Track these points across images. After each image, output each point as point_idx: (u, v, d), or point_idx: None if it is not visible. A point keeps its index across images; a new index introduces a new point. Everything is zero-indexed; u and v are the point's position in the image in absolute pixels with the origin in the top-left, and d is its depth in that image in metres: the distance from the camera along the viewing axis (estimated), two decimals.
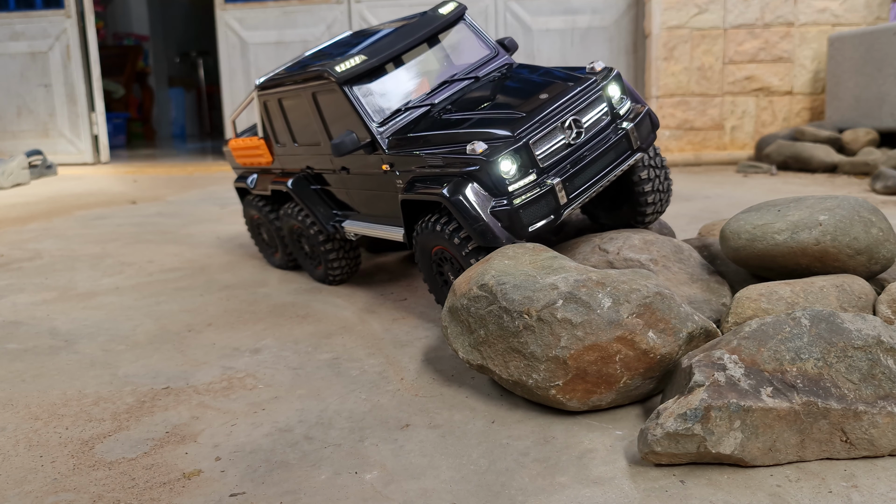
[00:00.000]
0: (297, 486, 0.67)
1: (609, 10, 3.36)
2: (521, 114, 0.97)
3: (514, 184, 0.93)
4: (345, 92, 1.09)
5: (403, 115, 1.10)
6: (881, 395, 0.66)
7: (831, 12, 3.10)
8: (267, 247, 1.53)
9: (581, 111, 0.98)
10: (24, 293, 1.38)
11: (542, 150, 0.95)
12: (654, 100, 3.21)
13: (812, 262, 0.90)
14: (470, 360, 0.83)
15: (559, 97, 0.99)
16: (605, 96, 1.01)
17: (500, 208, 0.92)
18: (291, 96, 1.23)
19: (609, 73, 1.03)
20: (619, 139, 1.00)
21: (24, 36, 3.76)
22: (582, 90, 1.00)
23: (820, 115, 3.17)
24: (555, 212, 0.95)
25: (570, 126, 0.97)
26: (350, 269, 1.33)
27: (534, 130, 0.95)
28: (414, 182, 1.02)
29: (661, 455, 0.66)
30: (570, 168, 0.96)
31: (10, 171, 3.11)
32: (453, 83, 1.14)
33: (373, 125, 1.08)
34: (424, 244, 1.03)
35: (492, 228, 0.92)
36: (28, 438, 0.79)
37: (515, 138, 0.94)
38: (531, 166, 0.94)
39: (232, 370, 0.96)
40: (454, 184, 0.94)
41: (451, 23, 1.18)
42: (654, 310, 0.77)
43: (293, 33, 3.54)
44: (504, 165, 0.92)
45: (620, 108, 1.03)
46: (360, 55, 1.10)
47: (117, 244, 1.82)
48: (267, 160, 1.40)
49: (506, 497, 0.64)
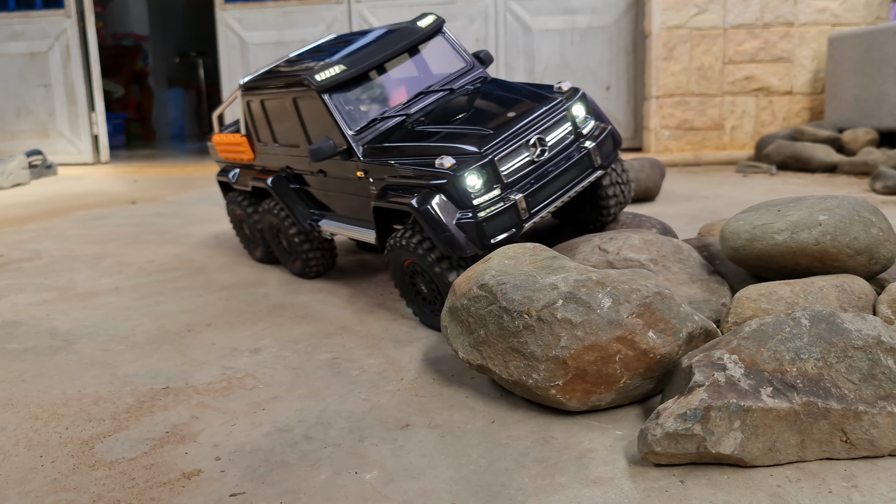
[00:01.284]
0: (296, 486, 0.67)
1: (609, 10, 3.36)
2: (489, 131, 1.02)
3: (479, 198, 0.98)
4: (323, 100, 1.13)
5: (379, 124, 1.14)
6: (881, 396, 0.66)
7: (831, 12, 3.10)
8: (249, 241, 1.57)
9: (546, 130, 1.04)
10: (24, 293, 1.38)
11: (506, 166, 1.01)
12: (654, 100, 3.21)
13: (812, 262, 0.90)
14: (470, 360, 0.83)
15: (526, 116, 1.04)
16: (570, 116, 1.07)
17: (465, 220, 0.97)
18: (274, 99, 1.27)
19: (574, 93, 1.09)
20: (581, 157, 1.06)
21: (23, 36, 3.76)
22: (547, 110, 1.06)
23: (820, 115, 3.17)
24: (517, 225, 1.00)
25: (535, 144, 1.03)
26: (326, 264, 1.37)
27: (500, 148, 1.00)
28: (386, 190, 1.07)
29: (660, 455, 0.66)
30: (533, 184, 1.02)
31: (9, 171, 3.11)
32: (429, 94, 1.18)
33: (349, 133, 1.13)
34: (396, 259, 1.08)
35: (457, 239, 0.97)
36: (28, 438, 0.78)
37: (482, 154, 0.99)
38: (496, 182, 1.00)
39: (231, 370, 0.96)
40: (423, 195, 0.99)
41: (429, 35, 1.23)
42: (654, 310, 0.77)
43: (293, 33, 3.54)
44: (470, 180, 0.98)
45: (584, 128, 1.08)
46: (339, 65, 1.14)
47: (117, 244, 1.82)
48: (249, 157, 1.45)
49: (505, 497, 0.64)
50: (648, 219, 1.27)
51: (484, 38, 3.45)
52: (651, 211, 1.95)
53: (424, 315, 1.09)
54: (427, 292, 1.06)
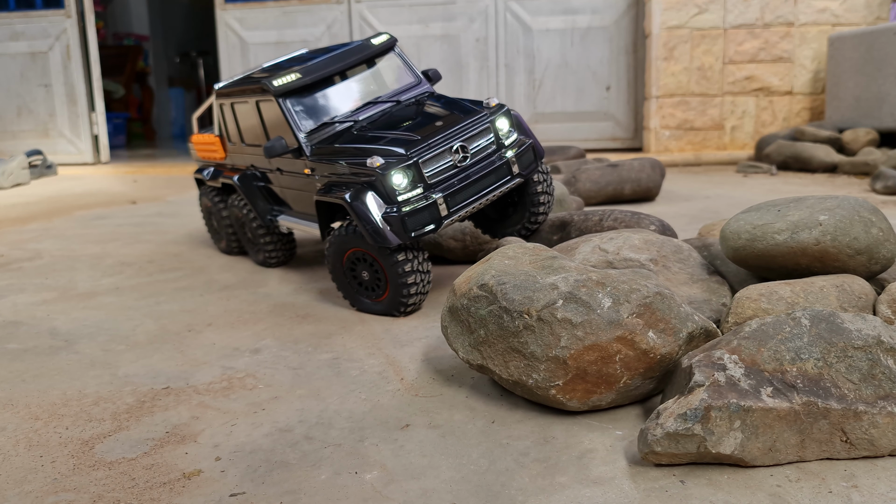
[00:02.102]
0: (297, 486, 0.67)
1: (609, 10, 3.36)
2: (417, 137, 1.13)
3: (404, 195, 1.09)
4: (279, 103, 1.25)
5: (329, 128, 1.25)
6: (881, 395, 0.66)
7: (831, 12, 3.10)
8: (216, 234, 1.68)
9: (469, 139, 1.15)
10: (25, 293, 1.38)
11: (430, 168, 1.11)
12: (654, 100, 3.21)
13: (812, 262, 0.90)
14: (470, 360, 0.83)
15: (452, 126, 1.15)
16: (494, 128, 1.18)
17: (391, 214, 1.08)
18: (241, 103, 1.40)
19: (500, 108, 1.20)
20: (501, 165, 1.17)
21: (24, 36, 3.76)
22: (473, 121, 1.17)
23: (820, 115, 3.17)
24: (436, 222, 1.10)
25: (458, 150, 1.13)
26: (285, 255, 1.51)
27: (424, 151, 1.11)
28: (329, 186, 1.18)
29: (661, 455, 0.66)
30: (454, 186, 1.12)
31: (10, 171, 3.11)
32: (377, 104, 1.30)
33: (300, 134, 1.24)
34: (339, 247, 1.17)
35: (382, 230, 1.07)
36: (28, 438, 0.79)
37: (408, 156, 1.10)
38: (419, 181, 1.10)
39: (232, 370, 0.96)
40: (355, 190, 1.11)
41: (381, 52, 1.35)
42: (654, 310, 0.77)
43: (293, 33, 3.54)
44: (396, 178, 1.08)
45: (506, 140, 1.19)
46: (295, 73, 1.26)
47: (117, 244, 1.82)
48: (221, 156, 1.58)
49: (506, 497, 0.64)
50: (647, 216, 1.28)
51: (484, 38, 3.45)
52: (651, 211, 1.95)
53: (360, 301, 1.18)
54: (368, 278, 1.15)
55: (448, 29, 3.46)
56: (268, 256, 1.49)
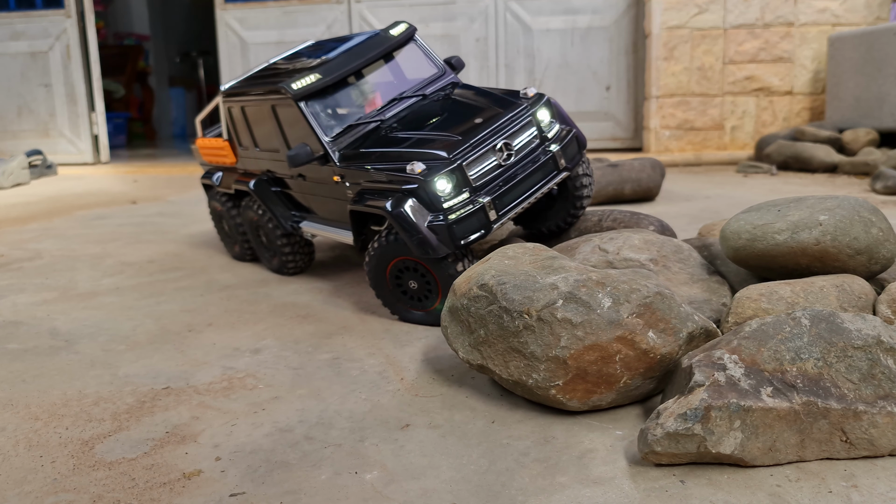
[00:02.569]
0: (297, 486, 0.67)
1: (609, 10, 3.36)
2: (458, 137, 1.06)
3: (449, 201, 1.02)
4: (300, 108, 1.17)
5: (355, 130, 1.18)
6: (881, 395, 0.66)
7: (831, 12, 3.10)
8: (228, 239, 1.61)
9: (512, 135, 1.09)
10: (25, 293, 1.38)
11: (475, 170, 1.05)
12: (655, 100, 3.21)
13: (812, 262, 0.90)
14: (470, 360, 0.83)
15: (493, 122, 1.08)
16: (535, 121, 1.11)
17: (436, 223, 1.01)
18: (253, 105, 1.31)
19: (539, 98, 1.13)
20: (547, 160, 1.10)
21: (24, 36, 3.76)
22: (513, 115, 1.10)
23: (820, 115, 3.17)
24: (485, 227, 1.04)
25: (502, 149, 1.07)
26: (304, 262, 1.42)
27: (468, 153, 1.05)
28: (362, 194, 1.11)
29: (661, 455, 0.66)
30: (501, 187, 1.06)
31: (10, 170, 3.11)
32: (402, 100, 1.22)
33: (325, 139, 1.16)
34: (382, 257, 1.09)
35: (429, 240, 1.01)
36: (28, 438, 0.79)
37: (451, 160, 1.03)
38: (464, 185, 1.04)
39: (232, 370, 0.96)
40: (396, 199, 1.03)
41: (401, 43, 1.27)
42: (655, 310, 0.77)
43: (293, 33, 3.54)
44: (440, 185, 1.02)
45: (549, 132, 1.13)
46: (314, 73, 1.18)
47: (118, 244, 1.82)
48: (231, 161, 1.49)
49: (506, 497, 0.64)
50: (646, 217, 1.28)
51: (484, 38, 3.45)
52: (651, 211, 1.95)
53: (406, 311, 1.12)
54: (416, 287, 1.09)
55: (448, 29, 3.46)
56: (285, 263, 1.40)
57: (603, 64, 3.41)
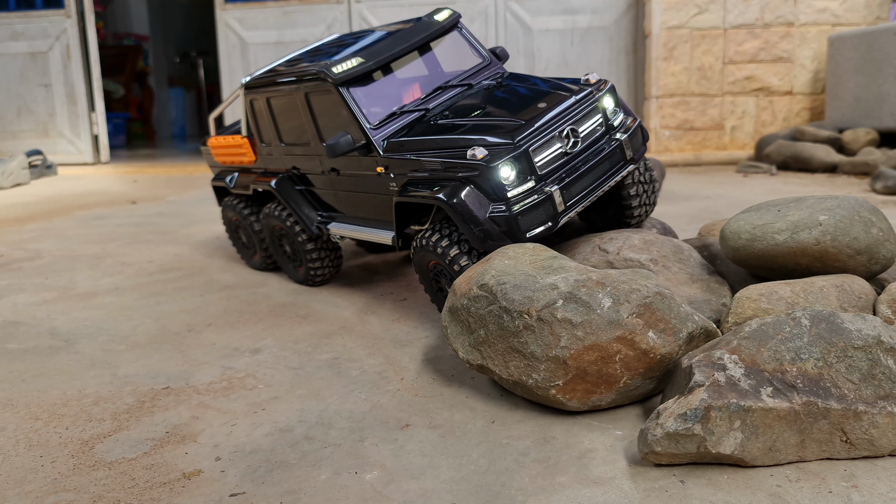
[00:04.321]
0: (297, 486, 0.67)
1: (609, 10, 3.36)
2: (521, 121, 0.98)
3: (513, 190, 0.94)
4: (341, 93, 1.09)
5: (398, 118, 1.10)
6: (881, 395, 0.66)
7: (831, 12, 3.10)
8: (245, 249, 1.52)
9: (578, 121, 1.00)
10: (25, 293, 1.38)
11: (540, 157, 0.96)
12: (654, 100, 3.21)
13: (812, 262, 0.90)
14: (470, 360, 0.83)
15: (556, 106, 1.00)
16: (601, 108, 1.03)
17: (499, 214, 0.94)
18: (281, 96, 1.23)
19: (604, 85, 1.05)
20: (613, 150, 1.02)
21: (24, 36, 3.76)
22: (579, 100, 1.02)
23: (820, 115, 3.17)
24: (552, 219, 0.96)
25: (568, 135, 0.98)
26: (332, 269, 1.33)
27: (533, 138, 0.96)
28: (408, 185, 1.04)
29: (661, 455, 0.66)
30: (568, 176, 0.98)
31: (10, 171, 3.11)
32: (447, 89, 1.15)
33: (368, 127, 1.08)
34: (421, 260, 1.04)
35: (491, 233, 0.94)
36: (28, 438, 0.79)
37: (515, 145, 0.95)
38: (530, 173, 0.96)
39: (232, 370, 0.96)
40: (452, 188, 0.96)
41: (445, 30, 1.20)
42: (654, 310, 0.77)
43: (293, 33, 3.54)
44: (504, 171, 0.93)
45: (614, 120, 1.05)
46: (357, 57, 1.10)
47: (117, 244, 1.82)
48: (249, 159, 1.40)
49: (506, 497, 0.64)
50: (649, 219, 1.27)
51: (484, 38, 3.45)
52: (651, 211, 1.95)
53: None
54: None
55: None
56: (312, 272, 1.31)
57: (603, 64, 3.41)
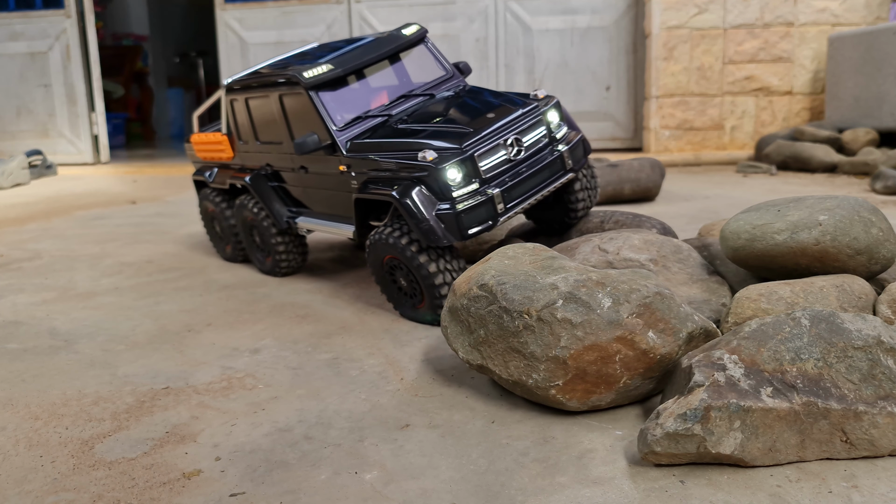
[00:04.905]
0: (296, 486, 0.67)
1: (609, 10, 3.36)
2: (470, 129, 1.08)
3: (458, 190, 1.04)
4: (311, 96, 1.19)
5: (363, 122, 1.20)
6: (881, 396, 0.66)
7: (831, 12, 3.10)
8: (219, 240, 1.60)
9: (522, 132, 1.11)
10: (24, 293, 1.38)
11: (485, 162, 1.06)
12: (654, 100, 3.21)
13: (812, 262, 0.90)
14: (470, 360, 0.83)
15: (504, 117, 1.11)
16: (545, 121, 1.14)
17: (444, 212, 1.03)
18: (258, 98, 1.32)
19: (550, 100, 1.16)
20: (554, 160, 1.13)
21: (23, 36, 3.76)
22: (525, 113, 1.13)
23: (820, 115, 3.17)
24: (493, 218, 1.06)
25: (512, 144, 1.09)
26: (298, 261, 1.42)
27: (479, 144, 1.06)
28: (367, 183, 1.13)
29: (660, 455, 0.66)
30: (509, 181, 1.08)
31: (9, 171, 3.11)
32: (410, 98, 1.25)
33: (333, 129, 1.18)
34: (376, 254, 1.11)
35: (435, 229, 1.02)
36: (28, 438, 0.78)
37: (462, 150, 1.05)
38: (475, 176, 1.06)
39: (231, 370, 0.96)
40: (404, 186, 1.05)
41: (412, 43, 1.30)
42: (654, 310, 0.77)
43: (293, 33, 3.54)
44: (451, 173, 1.03)
45: (557, 133, 1.16)
46: (327, 64, 1.20)
47: (117, 244, 1.82)
48: (228, 156, 1.49)
49: (505, 497, 0.64)
50: (648, 219, 1.27)
51: (484, 38, 3.45)
52: (651, 211, 1.95)
53: (404, 308, 1.13)
54: (406, 286, 1.10)
55: (448, 29, 3.46)
56: (279, 263, 1.39)
57: (602, 64, 3.41)
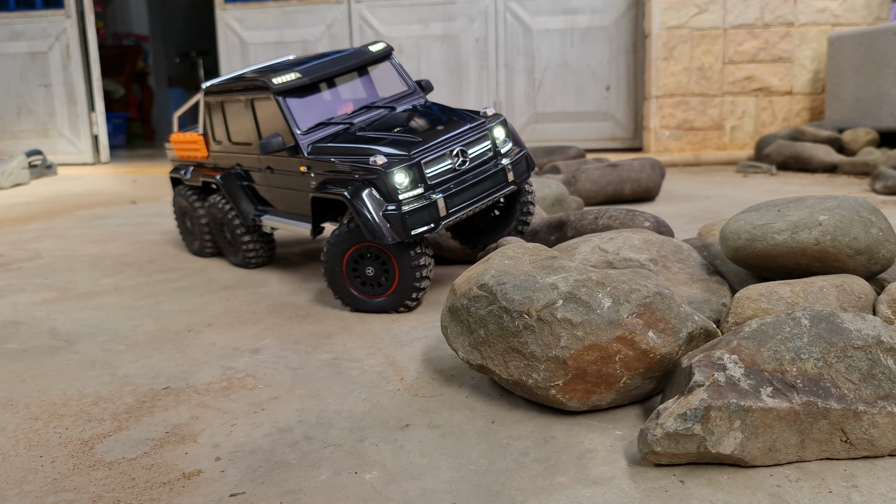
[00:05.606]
0: (297, 486, 0.67)
1: (609, 10, 3.36)
2: (419, 139, 1.16)
3: (405, 193, 1.11)
4: (278, 101, 1.27)
5: (325, 128, 1.28)
6: (881, 395, 0.66)
7: (831, 12, 3.10)
8: (189, 234, 1.67)
9: (468, 144, 1.18)
10: (24, 293, 1.38)
11: (431, 170, 1.14)
12: (654, 100, 3.21)
13: (812, 262, 0.90)
14: (470, 360, 0.83)
15: (452, 130, 1.19)
16: (491, 136, 1.22)
17: (391, 212, 1.10)
18: (233, 101, 1.42)
19: (497, 118, 1.24)
20: (497, 172, 1.20)
21: (23, 36, 3.76)
22: (472, 128, 1.20)
23: (820, 115, 3.17)
24: (435, 221, 1.13)
25: (458, 155, 1.16)
26: (265, 256, 1.52)
27: (427, 153, 1.14)
28: (324, 184, 1.21)
29: (661, 455, 0.66)
30: (453, 188, 1.15)
31: (10, 171, 3.11)
32: (372, 109, 1.34)
33: (297, 132, 1.26)
34: (341, 244, 1.18)
35: (381, 227, 1.10)
36: (28, 438, 0.79)
37: (410, 157, 1.12)
38: (421, 182, 1.13)
39: (232, 370, 0.96)
40: (355, 187, 1.13)
41: (378, 59, 1.40)
42: (654, 310, 0.77)
43: (293, 33, 3.54)
44: (398, 177, 1.11)
45: (502, 148, 1.23)
46: (295, 72, 1.29)
47: (117, 244, 1.82)
48: (203, 155, 1.57)
49: (506, 497, 0.64)
50: (641, 213, 1.28)
51: (484, 38, 3.45)
52: (651, 211, 1.95)
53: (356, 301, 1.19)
54: (373, 274, 1.17)
55: (448, 29, 3.46)
56: (247, 257, 1.49)
57: (603, 64, 3.41)
